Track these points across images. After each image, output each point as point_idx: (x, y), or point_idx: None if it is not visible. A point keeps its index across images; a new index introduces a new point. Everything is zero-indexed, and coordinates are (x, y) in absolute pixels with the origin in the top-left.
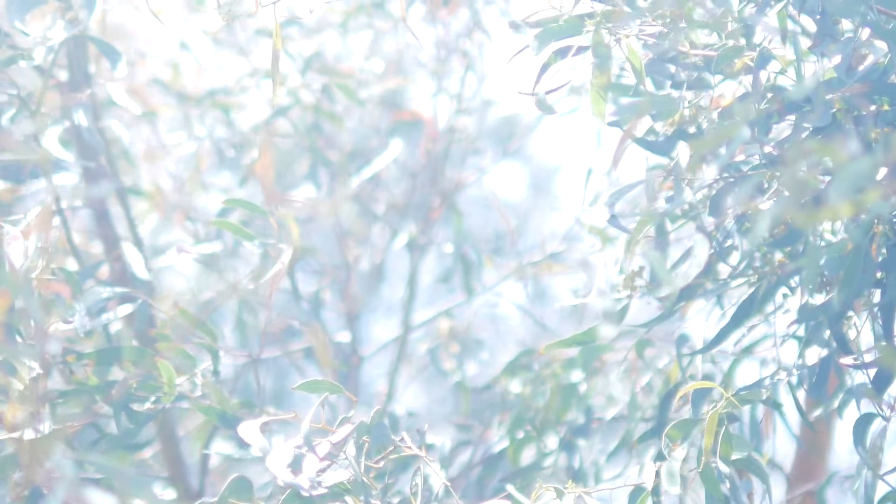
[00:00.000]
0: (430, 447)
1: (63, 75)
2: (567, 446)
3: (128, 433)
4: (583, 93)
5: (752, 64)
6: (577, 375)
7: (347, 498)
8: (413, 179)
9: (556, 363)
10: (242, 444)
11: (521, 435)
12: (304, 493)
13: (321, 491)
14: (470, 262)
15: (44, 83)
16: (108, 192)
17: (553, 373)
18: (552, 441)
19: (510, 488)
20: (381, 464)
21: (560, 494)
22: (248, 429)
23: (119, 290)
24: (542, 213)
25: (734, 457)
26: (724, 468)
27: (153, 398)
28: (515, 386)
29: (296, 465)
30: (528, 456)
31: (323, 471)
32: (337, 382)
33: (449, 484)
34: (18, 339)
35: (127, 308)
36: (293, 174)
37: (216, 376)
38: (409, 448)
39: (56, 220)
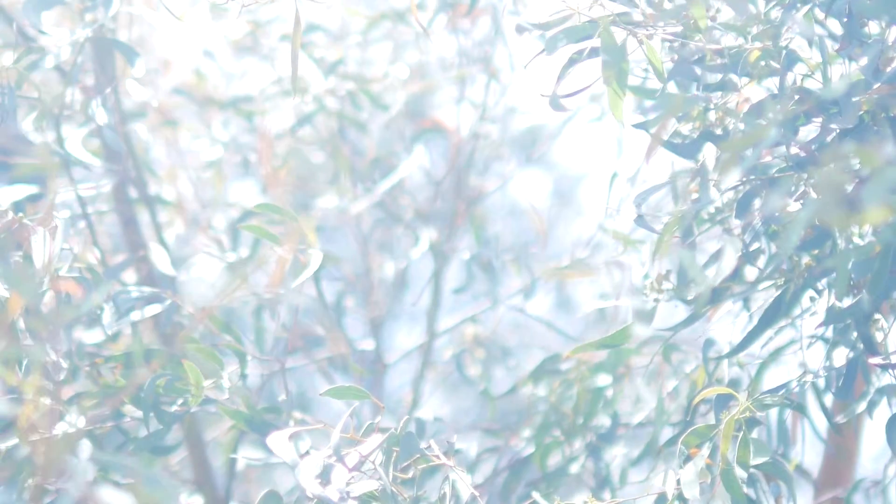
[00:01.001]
0: (456, 452)
1: (87, 79)
2: (593, 452)
3: (155, 435)
4: (604, 100)
5: (778, 66)
6: (603, 380)
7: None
8: (437, 187)
9: (582, 368)
10: (270, 450)
11: (547, 440)
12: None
13: (350, 502)
14: (493, 269)
15: (66, 86)
16: (133, 195)
17: (579, 377)
18: (578, 446)
19: (535, 495)
20: (410, 473)
21: None
22: (278, 439)
23: (147, 289)
24: (566, 220)
25: (755, 462)
26: (742, 473)
27: (180, 401)
28: (542, 391)
29: (325, 476)
30: (554, 462)
31: (352, 481)
32: (363, 389)
33: (476, 493)
34: (38, 339)
35: (155, 308)
36: (317, 181)
37: (244, 380)
38: (437, 457)
39: (81, 223)
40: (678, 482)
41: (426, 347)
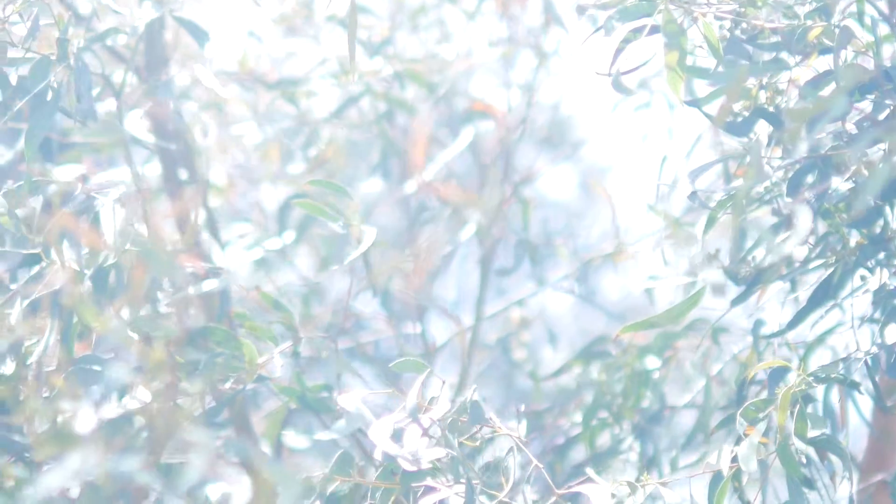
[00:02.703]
0: (523, 419)
1: (140, 60)
2: (641, 433)
3: (210, 413)
4: (653, 88)
5: (832, 43)
6: (651, 363)
7: (443, 476)
8: (484, 170)
9: (631, 350)
10: (317, 429)
11: (595, 421)
12: (409, 467)
13: (422, 466)
14: (540, 253)
15: (126, 65)
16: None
17: (627, 360)
18: (627, 428)
19: (590, 471)
20: (478, 442)
21: (634, 489)
22: (349, 399)
23: (203, 265)
24: (609, 207)
25: (812, 434)
26: (802, 446)
27: (233, 378)
28: (590, 373)
29: (397, 440)
30: (602, 443)
31: (425, 446)
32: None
33: (541, 465)
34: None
35: (211, 283)
36: (364, 163)
37: (296, 358)
38: (501, 429)
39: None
40: (734, 459)
41: (473, 330)
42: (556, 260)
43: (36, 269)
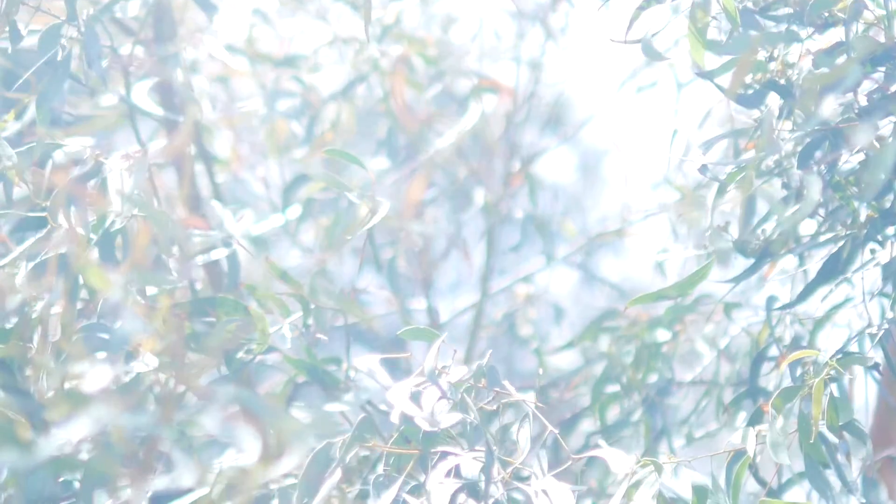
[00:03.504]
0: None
1: (148, 32)
2: (651, 406)
3: (222, 381)
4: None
5: (843, 16)
6: (661, 335)
7: (459, 443)
8: (491, 147)
9: (640, 323)
10: (323, 403)
11: (605, 395)
12: (429, 428)
13: (440, 427)
14: (546, 229)
15: (134, 37)
16: (192, 148)
17: (637, 333)
18: (637, 401)
19: (601, 442)
20: (496, 407)
21: (659, 469)
22: (368, 360)
23: (213, 233)
24: (617, 184)
25: (842, 422)
26: (832, 436)
27: (244, 349)
28: (600, 346)
29: (415, 402)
30: (611, 416)
31: (442, 409)
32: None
33: (556, 431)
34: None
35: (221, 252)
36: (371, 141)
37: (307, 329)
38: (516, 395)
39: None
40: (761, 441)
41: (479, 306)
42: (563, 237)
43: (42, 232)
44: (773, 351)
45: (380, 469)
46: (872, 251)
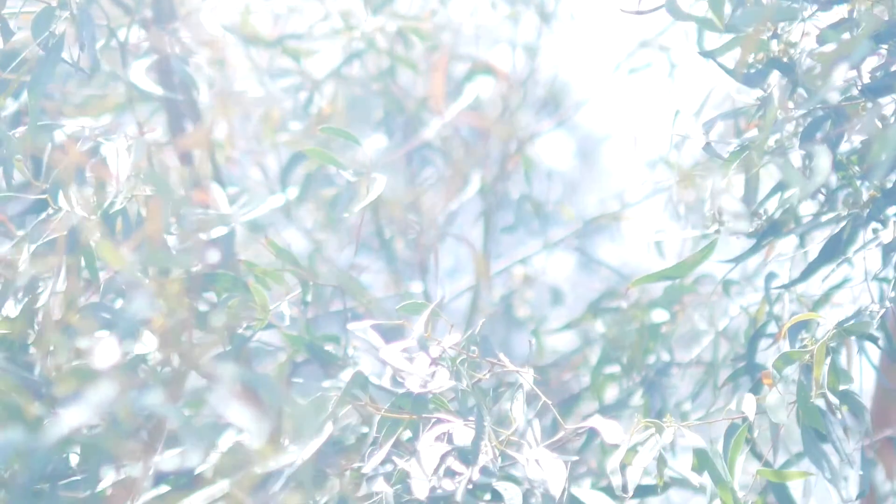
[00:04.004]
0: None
1: (146, 12)
2: (650, 386)
3: (223, 357)
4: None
5: None
6: (660, 316)
7: (451, 410)
8: (487, 129)
9: (640, 303)
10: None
11: (604, 376)
12: (419, 389)
13: (430, 389)
14: (543, 210)
15: (133, 17)
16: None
17: (636, 314)
18: (635, 380)
19: (598, 417)
20: (487, 375)
21: (660, 429)
22: (359, 326)
23: (212, 211)
24: (614, 168)
25: (843, 387)
26: (834, 399)
27: (244, 325)
28: (600, 326)
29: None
30: (610, 396)
31: (433, 374)
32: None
33: (549, 402)
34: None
35: (221, 230)
36: (366, 121)
37: (305, 306)
38: (509, 366)
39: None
40: (758, 407)
41: (476, 288)
42: (559, 219)
43: (43, 214)
44: (772, 328)
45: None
46: (875, 230)
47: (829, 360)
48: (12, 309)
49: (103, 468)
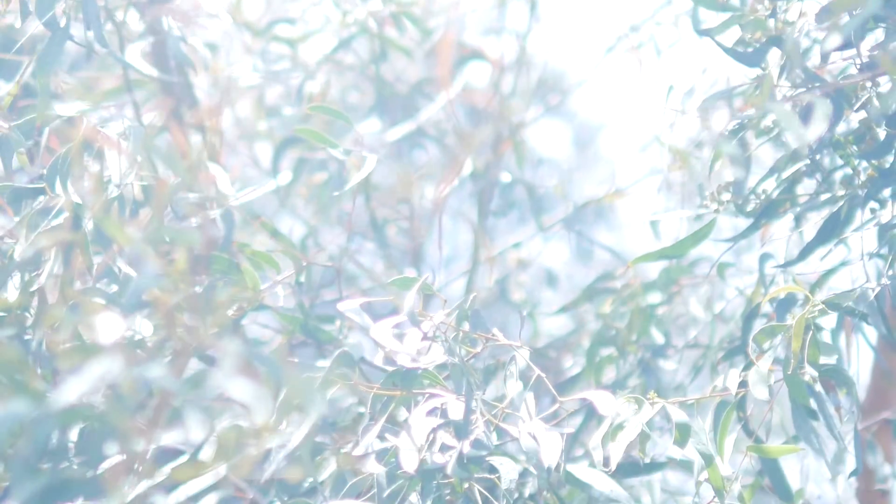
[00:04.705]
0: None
1: None
2: (646, 368)
3: (216, 338)
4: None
5: None
6: (656, 298)
7: (447, 384)
8: (479, 113)
9: (635, 286)
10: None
11: (600, 358)
12: (411, 365)
13: (423, 364)
14: (536, 195)
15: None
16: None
17: (632, 295)
18: (632, 362)
19: (590, 392)
20: (479, 349)
21: (640, 404)
22: (348, 305)
23: (205, 194)
24: (608, 152)
25: (824, 360)
26: (813, 372)
27: (235, 307)
28: (594, 310)
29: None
30: (606, 378)
31: (425, 349)
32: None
33: (543, 375)
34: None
35: (214, 213)
36: (359, 106)
37: (300, 286)
38: (502, 339)
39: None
40: (743, 384)
41: (471, 273)
42: (553, 204)
43: (40, 200)
44: (767, 308)
45: (366, 413)
46: (873, 210)
47: (810, 334)
48: (13, 290)
49: (105, 445)
